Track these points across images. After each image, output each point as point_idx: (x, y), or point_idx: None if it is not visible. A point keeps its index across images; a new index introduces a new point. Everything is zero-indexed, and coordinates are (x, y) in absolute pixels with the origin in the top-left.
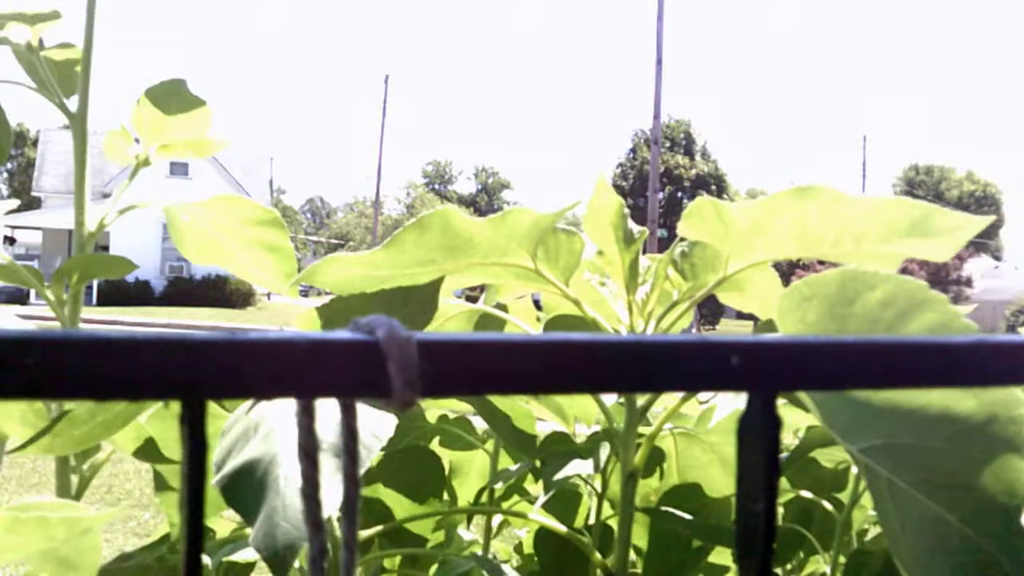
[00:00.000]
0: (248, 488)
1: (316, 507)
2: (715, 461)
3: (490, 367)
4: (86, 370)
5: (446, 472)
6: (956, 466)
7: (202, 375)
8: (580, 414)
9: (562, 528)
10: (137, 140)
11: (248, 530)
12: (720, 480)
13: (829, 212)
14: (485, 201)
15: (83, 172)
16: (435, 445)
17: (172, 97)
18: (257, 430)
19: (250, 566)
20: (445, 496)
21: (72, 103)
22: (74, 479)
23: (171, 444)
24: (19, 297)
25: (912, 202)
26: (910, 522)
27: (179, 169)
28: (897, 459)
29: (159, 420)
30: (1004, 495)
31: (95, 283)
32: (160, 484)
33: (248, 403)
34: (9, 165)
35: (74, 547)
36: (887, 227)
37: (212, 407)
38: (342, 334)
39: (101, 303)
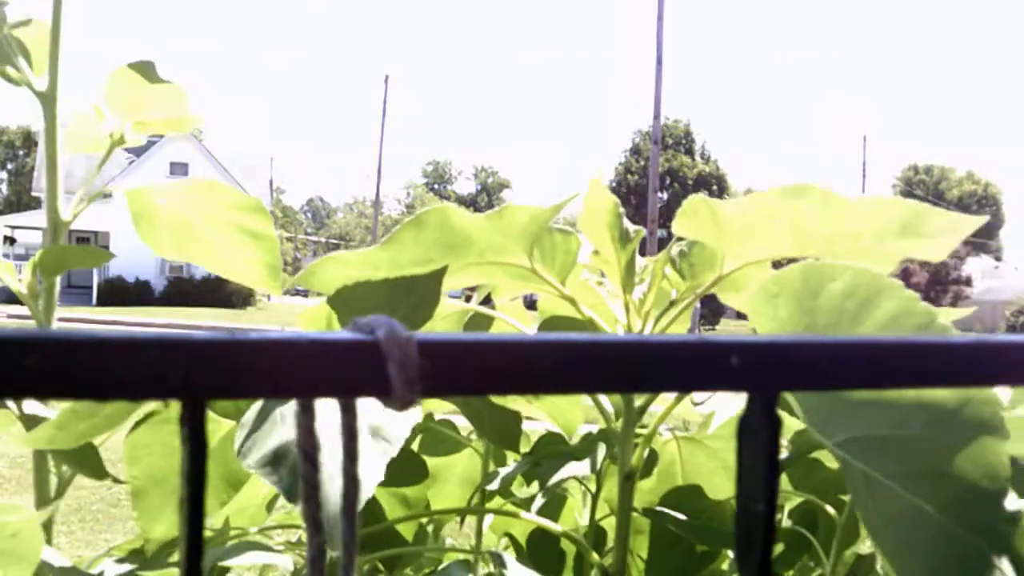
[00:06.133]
0: (288, 466)
1: (316, 507)
2: (719, 468)
3: (490, 367)
4: (86, 370)
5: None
6: (933, 454)
7: (202, 375)
8: (563, 424)
9: (556, 528)
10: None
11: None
12: (724, 486)
13: (822, 212)
14: (485, 201)
15: (55, 156)
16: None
17: (147, 75)
18: (284, 417)
19: (224, 572)
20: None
21: (41, 82)
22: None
23: (156, 449)
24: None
25: (904, 202)
26: (889, 517)
27: (179, 169)
28: (873, 451)
29: (148, 427)
30: (985, 479)
31: (95, 283)
32: (137, 495)
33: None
34: (10, 166)
35: (11, 544)
36: (881, 227)
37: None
38: (342, 334)
39: (101, 303)
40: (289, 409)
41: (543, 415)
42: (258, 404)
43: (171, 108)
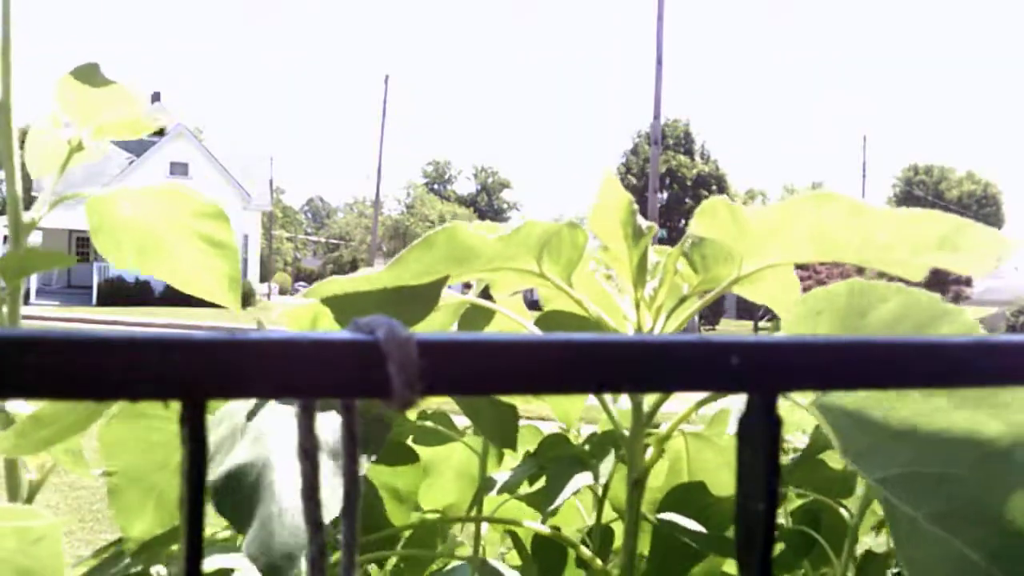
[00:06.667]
0: (239, 493)
1: (316, 508)
2: (725, 465)
3: (490, 367)
4: (86, 370)
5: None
6: (982, 496)
7: (202, 375)
8: (563, 415)
9: (562, 536)
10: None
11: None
12: (730, 483)
13: (849, 221)
14: (485, 201)
15: (11, 163)
16: (408, 443)
17: (94, 79)
18: (245, 433)
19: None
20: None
21: None
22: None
23: (131, 445)
24: None
25: (941, 216)
26: (932, 561)
27: (179, 169)
28: (917, 490)
29: (121, 421)
30: None
31: (95, 283)
32: (114, 493)
33: (227, 406)
34: None
35: (32, 556)
36: (915, 241)
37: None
38: (342, 334)
39: (101, 303)
40: (254, 427)
41: (545, 407)
42: (224, 408)
43: (123, 110)
